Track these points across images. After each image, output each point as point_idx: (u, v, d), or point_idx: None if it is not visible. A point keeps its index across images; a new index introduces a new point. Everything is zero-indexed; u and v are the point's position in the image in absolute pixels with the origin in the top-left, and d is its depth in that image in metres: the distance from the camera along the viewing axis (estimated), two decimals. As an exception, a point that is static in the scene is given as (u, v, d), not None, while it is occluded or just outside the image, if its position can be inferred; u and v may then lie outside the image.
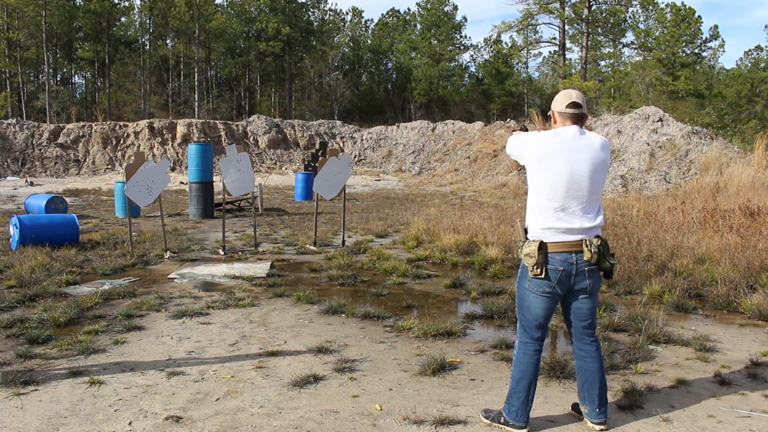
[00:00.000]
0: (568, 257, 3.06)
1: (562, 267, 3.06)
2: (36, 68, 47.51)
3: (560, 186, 3.02)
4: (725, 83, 49.13)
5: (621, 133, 19.64)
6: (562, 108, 3.13)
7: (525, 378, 3.17)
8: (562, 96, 3.14)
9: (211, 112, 47.48)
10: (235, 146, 8.84)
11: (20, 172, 24.50)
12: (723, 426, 3.32)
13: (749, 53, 58.60)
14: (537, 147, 3.08)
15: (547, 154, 3.05)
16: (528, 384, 3.18)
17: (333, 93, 50.55)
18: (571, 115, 3.11)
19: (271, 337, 4.82)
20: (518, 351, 3.22)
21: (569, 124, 3.11)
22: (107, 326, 5.01)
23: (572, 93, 3.11)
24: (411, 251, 8.69)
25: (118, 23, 48.46)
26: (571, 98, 3.09)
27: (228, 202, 13.73)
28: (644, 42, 46.85)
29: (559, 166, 3.02)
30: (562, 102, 3.14)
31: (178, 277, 6.99)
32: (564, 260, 3.06)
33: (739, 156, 16.30)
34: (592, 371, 3.22)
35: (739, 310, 5.63)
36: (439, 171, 25.80)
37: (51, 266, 7.14)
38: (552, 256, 3.06)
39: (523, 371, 3.18)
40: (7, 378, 3.78)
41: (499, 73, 55.84)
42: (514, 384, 3.20)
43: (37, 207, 12.01)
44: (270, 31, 48.24)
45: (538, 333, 3.19)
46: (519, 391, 3.19)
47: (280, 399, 3.62)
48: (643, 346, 4.52)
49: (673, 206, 10.74)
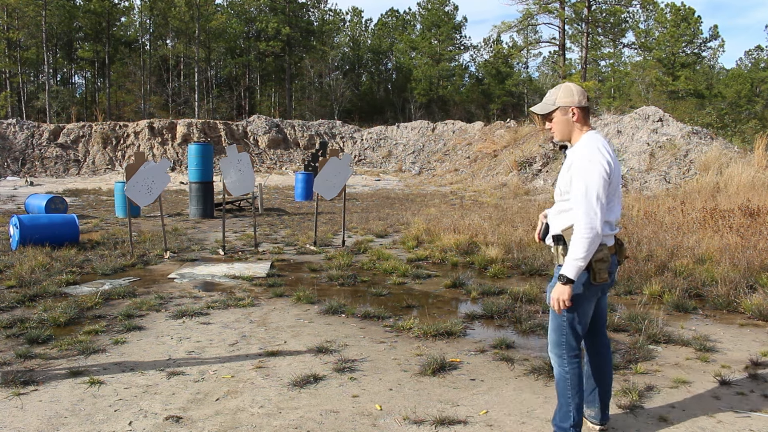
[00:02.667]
0: (614, 257, 3.04)
1: (614, 267, 3.05)
2: (36, 68, 47.52)
3: (613, 188, 2.92)
4: (725, 83, 49.16)
5: (621, 133, 19.64)
6: (584, 102, 2.97)
7: (581, 388, 3.06)
8: (575, 89, 2.96)
9: (211, 112, 47.49)
10: (235, 146, 8.84)
11: (20, 172, 24.50)
12: (723, 426, 3.32)
13: (749, 53, 58.70)
14: (610, 167, 2.86)
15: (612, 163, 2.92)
16: (585, 388, 3.19)
17: (333, 93, 50.56)
18: (588, 108, 3.01)
19: (271, 337, 4.82)
20: (569, 370, 3.01)
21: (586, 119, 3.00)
22: (107, 326, 5.01)
23: (575, 85, 3.03)
24: (411, 251, 8.69)
25: (118, 23, 48.46)
26: (583, 90, 3.00)
27: (228, 202, 13.73)
28: (644, 42, 46.87)
29: (616, 171, 2.92)
30: (581, 96, 2.97)
31: (178, 277, 6.99)
32: (614, 261, 3.04)
33: (739, 156, 16.30)
34: (608, 368, 3.20)
35: (739, 310, 5.63)
36: (439, 171, 25.80)
37: (51, 266, 7.14)
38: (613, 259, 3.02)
39: (579, 384, 3.05)
40: (7, 378, 3.78)
41: (499, 73, 55.89)
42: (578, 400, 3.04)
43: (37, 207, 12.01)
44: (270, 31, 48.26)
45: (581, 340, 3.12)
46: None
47: (280, 399, 3.62)
48: (643, 346, 4.52)
49: (673, 206, 10.74)
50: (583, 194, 2.76)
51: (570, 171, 2.88)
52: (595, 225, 2.73)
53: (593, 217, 2.74)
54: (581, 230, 2.75)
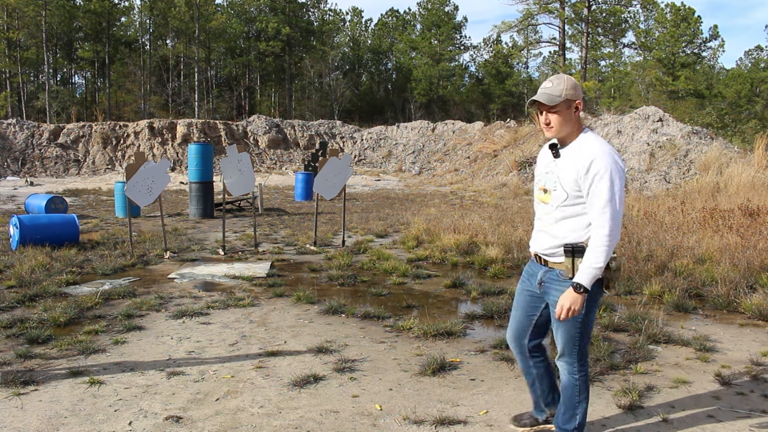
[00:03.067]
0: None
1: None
2: (36, 68, 47.51)
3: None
4: (725, 83, 49.17)
5: (621, 133, 19.64)
6: (582, 95, 2.84)
7: (588, 392, 3.03)
8: (576, 82, 2.83)
9: (211, 112, 47.49)
10: (236, 146, 8.84)
11: (20, 172, 24.50)
12: (723, 426, 3.32)
13: (749, 53, 58.69)
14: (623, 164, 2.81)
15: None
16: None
17: (333, 93, 50.56)
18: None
19: (271, 337, 4.82)
20: (579, 377, 2.97)
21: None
22: (107, 326, 5.01)
23: (568, 77, 2.83)
24: (411, 251, 8.69)
25: (118, 23, 48.46)
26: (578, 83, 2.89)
27: (228, 202, 13.73)
28: (644, 42, 46.87)
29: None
30: (581, 91, 2.84)
31: (178, 277, 6.99)
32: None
33: (739, 156, 16.30)
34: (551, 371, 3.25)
35: (739, 310, 5.63)
36: (439, 171, 25.79)
37: (51, 266, 7.14)
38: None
39: (587, 388, 3.01)
40: (7, 378, 3.78)
41: (499, 73, 55.90)
42: (585, 404, 3.02)
43: (37, 207, 12.01)
44: (270, 31, 48.26)
45: None
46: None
47: (280, 399, 3.62)
48: (643, 346, 4.52)
49: (673, 206, 10.74)
50: (609, 200, 2.63)
51: (584, 174, 2.68)
52: (618, 233, 2.67)
53: (618, 225, 2.66)
54: (605, 238, 2.63)
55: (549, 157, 2.91)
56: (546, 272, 2.91)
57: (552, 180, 2.84)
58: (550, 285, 2.89)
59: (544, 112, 2.78)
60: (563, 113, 2.74)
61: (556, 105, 2.72)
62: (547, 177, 2.89)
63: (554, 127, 2.77)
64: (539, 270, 2.96)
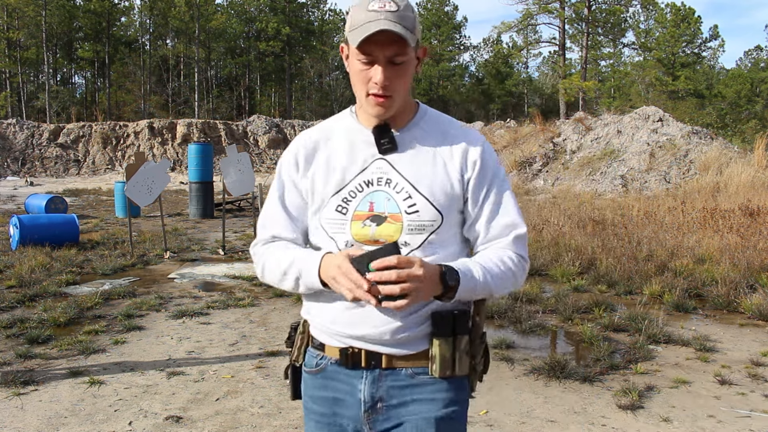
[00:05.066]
0: None
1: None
2: (36, 68, 47.52)
3: None
4: (725, 83, 49.11)
5: (621, 133, 19.64)
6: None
7: None
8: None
9: (211, 112, 47.49)
10: (235, 146, 8.84)
11: (20, 172, 24.50)
12: (723, 426, 3.32)
13: (749, 53, 58.70)
14: None
15: None
16: None
17: (333, 93, 50.57)
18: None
19: (271, 337, 4.82)
20: None
21: None
22: (107, 326, 5.01)
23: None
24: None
25: (118, 23, 48.47)
26: None
27: (228, 202, 13.72)
28: (644, 42, 46.85)
29: None
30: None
31: (178, 277, 7.00)
32: None
33: (739, 156, 16.29)
34: None
35: (739, 310, 5.63)
36: (439, 171, 25.78)
37: (51, 266, 7.14)
38: None
39: None
40: (7, 378, 3.78)
41: (499, 73, 55.89)
42: None
43: (37, 207, 12.01)
44: (270, 31, 48.26)
45: None
46: None
47: (280, 399, 3.62)
48: (643, 346, 4.52)
49: (673, 206, 10.73)
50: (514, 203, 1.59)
51: (471, 171, 1.49)
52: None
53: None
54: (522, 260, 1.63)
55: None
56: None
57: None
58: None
59: (382, 65, 1.40)
60: (411, 65, 1.48)
61: (409, 47, 1.43)
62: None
63: (394, 88, 1.44)
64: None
